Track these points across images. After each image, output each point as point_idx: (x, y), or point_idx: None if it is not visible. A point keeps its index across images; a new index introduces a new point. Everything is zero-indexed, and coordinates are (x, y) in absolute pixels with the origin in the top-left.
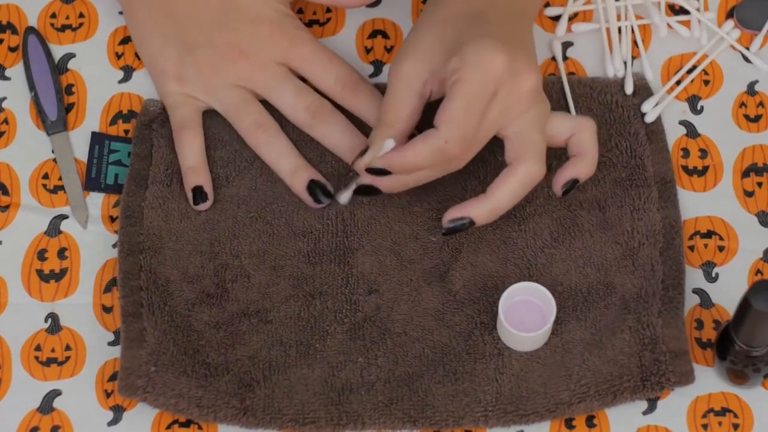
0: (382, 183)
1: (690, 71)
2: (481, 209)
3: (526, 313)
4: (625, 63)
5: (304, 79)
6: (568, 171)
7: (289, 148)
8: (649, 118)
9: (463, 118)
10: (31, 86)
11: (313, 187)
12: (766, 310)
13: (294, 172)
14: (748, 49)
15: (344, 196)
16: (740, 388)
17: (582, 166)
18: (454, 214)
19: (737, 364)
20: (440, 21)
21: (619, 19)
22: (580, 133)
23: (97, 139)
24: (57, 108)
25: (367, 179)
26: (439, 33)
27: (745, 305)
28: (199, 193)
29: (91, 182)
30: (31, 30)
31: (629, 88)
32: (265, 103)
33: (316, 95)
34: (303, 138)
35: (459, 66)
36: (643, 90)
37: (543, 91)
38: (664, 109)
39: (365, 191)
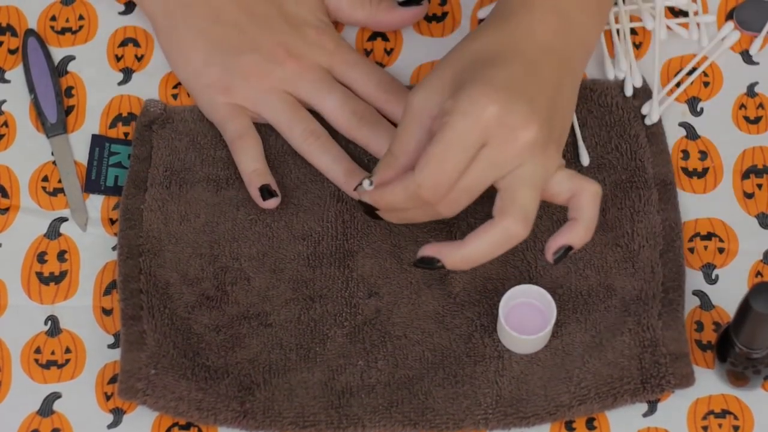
0: (382, 214)
1: (690, 73)
2: (454, 256)
3: (526, 316)
4: (625, 65)
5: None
6: (561, 237)
7: (342, 154)
8: (650, 120)
9: (437, 164)
10: (31, 89)
11: (264, 191)
12: (766, 312)
13: (349, 174)
14: (747, 50)
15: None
16: (740, 390)
17: (576, 233)
18: (427, 251)
19: (737, 366)
20: (460, 57)
21: (617, 21)
22: (579, 196)
23: (97, 141)
24: (57, 110)
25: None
26: (456, 68)
27: (745, 307)
28: (266, 191)
29: (91, 184)
30: (30, 32)
31: (629, 90)
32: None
33: (362, 101)
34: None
35: (450, 109)
36: (643, 92)
37: (550, 147)
38: (664, 110)
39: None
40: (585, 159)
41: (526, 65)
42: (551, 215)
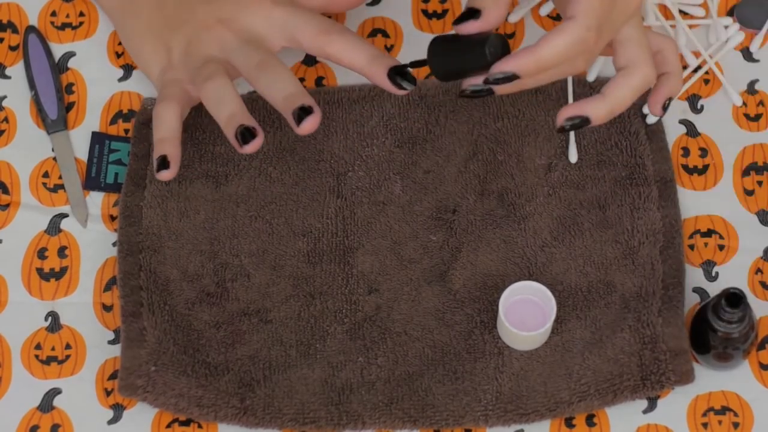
0: (500, 87)
1: (695, 71)
2: (600, 108)
3: (526, 312)
4: None
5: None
6: (662, 90)
7: (232, 96)
8: (651, 119)
9: (601, 6)
10: (32, 85)
11: (244, 133)
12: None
13: (230, 118)
14: (748, 48)
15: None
16: (727, 369)
17: (672, 84)
18: (570, 111)
19: (718, 347)
20: None
21: None
22: (666, 51)
23: (97, 138)
24: (57, 107)
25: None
26: None
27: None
28: (162, 162)
29: (91, 181)
30: (31, 29)
31: None
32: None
33: (271, 54)
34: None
35: None
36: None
37: None
38: None
39: (476, 94)
40: (573, 156)
41: None
42: (551, 212)
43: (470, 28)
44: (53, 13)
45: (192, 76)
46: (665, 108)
